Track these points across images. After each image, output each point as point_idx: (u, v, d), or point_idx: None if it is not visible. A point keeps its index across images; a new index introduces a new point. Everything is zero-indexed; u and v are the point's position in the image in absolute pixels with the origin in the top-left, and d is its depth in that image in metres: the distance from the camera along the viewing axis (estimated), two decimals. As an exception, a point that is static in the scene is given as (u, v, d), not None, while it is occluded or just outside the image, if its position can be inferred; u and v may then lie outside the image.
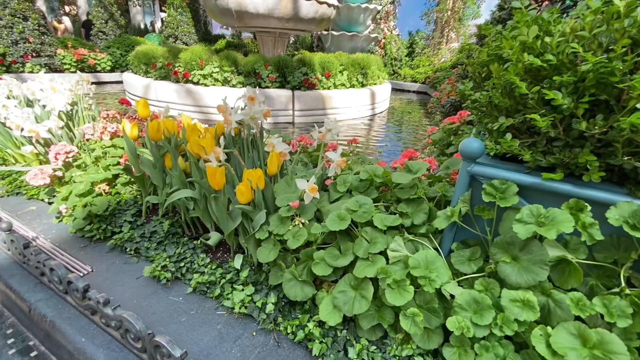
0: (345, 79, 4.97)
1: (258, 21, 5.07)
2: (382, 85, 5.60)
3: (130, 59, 5.18)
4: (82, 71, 7.06)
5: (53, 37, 6.87)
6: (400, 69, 9.32)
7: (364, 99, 5.12)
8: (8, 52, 6.21)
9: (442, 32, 9.27)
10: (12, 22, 6.16)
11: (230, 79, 4.38)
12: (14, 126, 1.37)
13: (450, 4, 8.87)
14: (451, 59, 8.98)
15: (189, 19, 9.11)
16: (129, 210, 1.39)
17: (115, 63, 7.40)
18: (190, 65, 4.37)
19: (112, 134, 1.59)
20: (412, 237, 0.90)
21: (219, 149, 1.06)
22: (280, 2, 4.79)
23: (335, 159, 1.02)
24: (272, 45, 5.97)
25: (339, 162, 1.01)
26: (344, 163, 1.02)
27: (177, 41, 8.90)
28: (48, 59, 6.52)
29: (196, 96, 4.35)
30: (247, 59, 4.47)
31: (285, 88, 4.58)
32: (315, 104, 4.63)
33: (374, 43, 9.56)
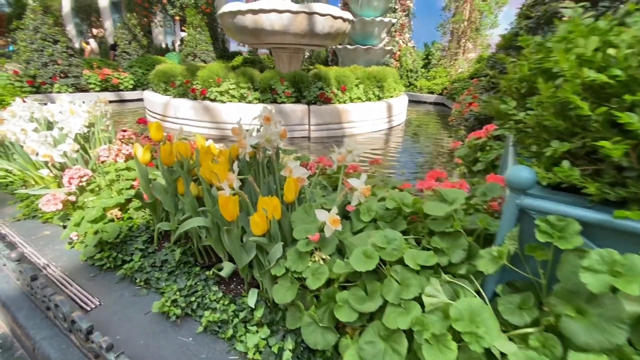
0: (362, 92, 4.91)
1: (274, 38, 5.12)
2: (398, 98, 5.50)
3: (151, 77, 5.32)
4: (105, 90, 7.33)
5: (80, 58, 7.19)
6: (417, 81, 9.22)
7: (380, 112, 5.03)
8: (38, 73, 6.51)
9: (458, 43, 9.14)
10: (43, 45, 6.48)
11: (246, 95, 4.40)
12: (30, 150, 1.35)
13: (466, 15, 8.77)
14: (468, 69, 8.82)
15: (208, 37, 9.38)
16: (141, 237, 1.33)
17: (137, 82, 7.65)
18: (208, 82, 4.42)
19: (127, 156, 1.56)
20: (450, 279, 0.78)
21: (233, 176, 0.98)
22: (295, 18, 4.82)
23: (359, 187, 0.92)
24: (287, 60, 6.01)
25: (363, 191, 0.92)
26: (368, 191, 0.92)
27: (195, 59, 9.16)
28: (75, 80, 6.80)
29: (213, 113, 4.38)
30: (263, 75, 4.49)
31: (301, 103, 4.56)
32: (331, 118, 4.58)
33: (389, 55, 9.53)
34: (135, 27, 9.94)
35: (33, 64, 6.50)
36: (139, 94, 7.71)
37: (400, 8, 9.19)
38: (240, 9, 4.85)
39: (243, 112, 4.29)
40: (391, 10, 9.24)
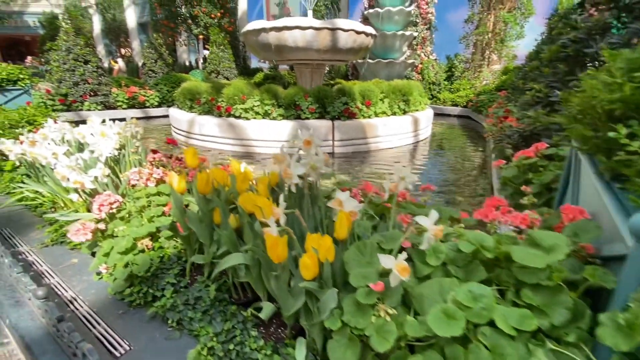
0: (387, 106, 4.80)
1: (297, 54, 5.12)
2: (424, 112, 5.36)
3: (176, 95, 5.42)
4: (132, 107, 7.54)
5: (109, 77, 7.45)
6: (440, 93, 9.04)
7: (406, 126, 4.89)
8: (69, 92, 6.77)
9: (482, 54, 8.94)
10: (75, 65, 6.76)
11: (270, 112, 4.37)
12: (60, 177, 1.30)
13: (490, 26, 8.59)
14: (493, 81, 8.57)
15: (230, 55, 9.60)
16: (172, 270, 1.23)
17: (162, 99, 7.85)
18: (233, 99, 4.43)
19: (158, 180, 1.49)
20: (554, 346, 0.63)
21: (279, 211, 0.87)
22: (318, 34, 4.80)
23: (430, 227, 0.79)
24: (309, 76, 6.00)
25: (436, 232, 0.78)
26: (441, 232, 0.79)
27: (218, 76, 9.35)
28: (104, 98, 7.04)
29: (238, 129, 4.37)
30: (287, 92, 4.46)
31: (325, 118, 4.49)
32: (355, 133, 4.47)
33: (410, 69, 9.43)
34: (161, 47, 10.30)
35: (65, 83, 6.78)
36: (164, 110, 7.89)
37: (422, 21, 9.12)
38: (264, 27, 4.89)
39: (268, 128, 4.26)
40: (412, 24, 9.19)
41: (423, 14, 9.12)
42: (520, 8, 8.18)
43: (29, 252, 1.55)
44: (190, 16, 11.05)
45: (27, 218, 1.90)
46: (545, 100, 2.14)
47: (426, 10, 9.09)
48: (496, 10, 8.41)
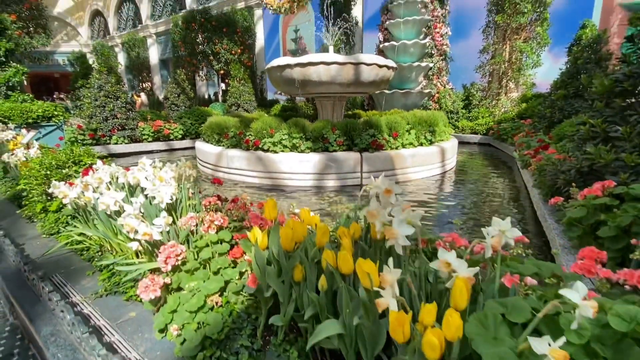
0: (413, 137, 4.78)
1: (320, 88, 5.23)
2: (449, 142, 5.31)
3: (204, 129, 5.53)
4: (157, 140, 7.73)
5: (136, 112, 7.73)
6: (458, 122, 9.04)
7: (433, 157, 4.84)
8: (99, 127, 7.01)
9: (500, 83, 8.99)
10: (105, 102, 7.05)
11: (298, 145, 4.39)
12: (128, 228, 1.26)
13: (506, 56, 8.70)
14: (513, 108, 8.55)
15: (250, 88, 9.92)
16: (244, 330, 1.14)
17: (185, 131, 8.05)
18: (261, 133, 4.49)
19: (218, 227, 1.44)
20: None
21: (392, 278, 0.79)
22: (342, 69, 4.92)
23: (581, 303, 0.69)
24: (331, 108, 6.10)
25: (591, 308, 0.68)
26: (596, 309, 0.69)
27: (239, 108, 9.62)
28: (131, 131, 7.25)
29: (266, 163, 4.38)
30: (314, 125, 4.50)
31: (352, 150, 4.48)
32: (384, 165, 4.43)
33: (427, 98, 9.53)
34: (184, 82, 10.74)
35: (95, 118, 7.04)
36: (188, 142, 8.08)
37: (437, 53, 9.32)
38: (289, 63, 5.03)
39: (296, 161, 4.25)
40: (428, 55, 9.39)
41: (438, 45, 9.32)
42: (535, 38, 8.29)
43: (83, 302, 1.49)
44: (212, 53, 11.58)
45: (75, 263, 1.86)
46: (603, 135, 2.05)
47: (441, 42, 9.31)
48: (512, 41, 8.55)
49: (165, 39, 19.67)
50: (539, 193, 2.86)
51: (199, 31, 11.59)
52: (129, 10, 22.46)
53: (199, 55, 11.96)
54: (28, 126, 6.17)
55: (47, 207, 2.39)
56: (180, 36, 12.09)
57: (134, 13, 22.11)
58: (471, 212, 3.29)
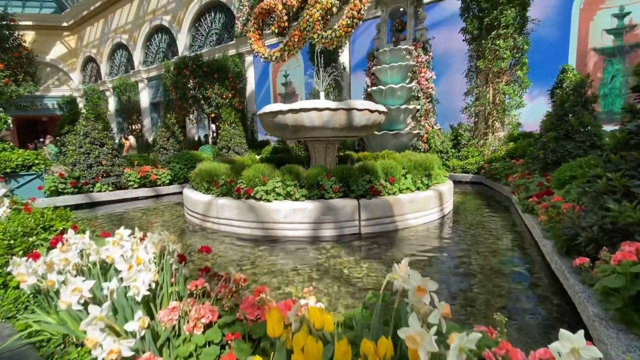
0: (410, 182, 4.66)
1: (313, 133, 5.18)
2: (446, 185, 5.22)
3: (193, 176, 5.32)
4: (143, 186, 7.45)
5: (122, 157, 7.50)
6: (448, 161, 9.11)
7: (431, 202, 4.69)
8: (82, 175, 6.72)
9: (486, 123, 9.23)
10: (91, 149, 6.83)
11: (293, 193, 4.20)
12: (90, 344, 0.99)
13: (490, 98, 9.01)
14: (501, 147, 8.69)
15: (241, 131, 9.91)
16: None
17: (174, 176, 7.81)
18: (253, 181, 4.30)
19: (205, 325, 1.17)
20: None
21: None
22: (335, 115, 4.90)
23: None
24: (323, 150, 6.03)
25: None
26: None
27: (229, 151, 9.52)
28: (116, 178, 6.97)
29: (259, 212, 4.14)
30: (309, 172, 4.35)
31: (349, 197, 4.30)
32: (382, 211, 4.25)
33: (416, 139, 9.66)
34: (174, 125, 10.70)
35: (79, 165, 6.77)
36: (175, 188, 7.81)
37: (423, 95, 9.61)
38: (281, 110, 5.00)
39: (291, 210, 4.03)
40: (414, 98, 9.66)
41: (424, 89, 9.64)
42: (517, 81, 8.66)
43: None
44: (203, 97, 11.71)
45: (30, 360, 1.53)
46: (623, 189, 1.92)
47: (427, 86, 9.64)
48: (494, 84, 8.90)
49: (157, 83, 20.04)
50: (552, 246, 2.68)
51: (191, 77, 11.80)
52: (122, 57, 23.06)
53: (190, 100, 12.07)
54: (6, 176, 5.85)
55: (7, 282, 2.07)
56: (172, 81, 12.29)
57: (126, 59, 22.70)
58: (479, 264, 3.07)
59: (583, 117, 4.78)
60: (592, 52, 8.49)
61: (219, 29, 16.52)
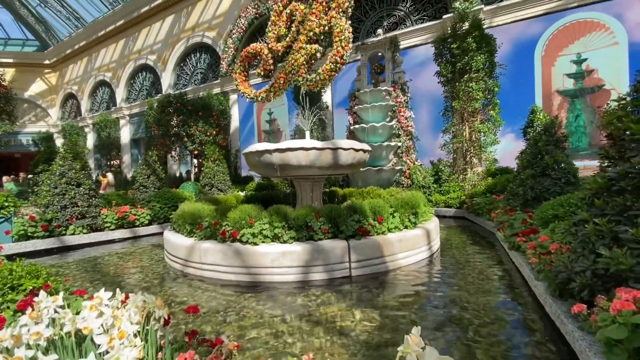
0: (398, 221, 4.67)
1: (299, 171, 5.22)
2: (432, 222, 5.25)
3: (175, 218, 5.13)
4: (121, 227, 7.11)
5: (100, 197, 7.20)
6: (431, 196, 9.28)
7: (420, 240, 4.68)
8: (55, 217, 6.36)
9: (464, 159, 9.58)
10: (66, 189, 6.53)
11: (281, 235, 4.09)
12: None
13: (467, 135, 9.44)
14: (481, 182, 8.97)
15: (224, 168, 9.82)
16: None
17: (153, 216, 7.52)
18: (239, 224, 4.17)
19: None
20: None
21: None
22: (321, 154, 4.98)
23: None
24: (309, 188, 6.04)
25: None
26: None
27: (212, 188, 9.35)
28: (91, 220, 6.64)
29: (245, 257, 3.98)
30: (297, 212, 4.28)
31: (338, 238, 4.23)
32: (372, 252, 4.18)
33: (399, 174, 9.86)
34: (155, 163, 10.50)
35: (52, 207, 6.43)
36: (155, 228, 7.49)
37: (404, 133, 9.97)
38: (267, 149, 5.03)
39: (279, 253, 3.90)
40: (395, 135, 10.00)
41: (404, 127, 10.03)
42: (490, 119, 9.17)
43: None
44: (187, 135, 11.67)
45: None
46: (611, 234, 1.97)
47: (406, 124, 10.04)
48: (470, 122, 9.38)
49: (139, 120, 19.94)
50: (545, 288, 2.68)
51: (174, 114, 11.82)
52: (104, 94, 23.02)
53: (172, 137, 11.99)
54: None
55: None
56: (155, 119, 12.24)
57: (108, 96, 22.65)
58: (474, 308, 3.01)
59: (557, 156, 5.04)
60: (556, 94, 9.19)
61: (204, 69, 16.92)
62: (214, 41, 15.69)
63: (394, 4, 11.75)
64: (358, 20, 12.38)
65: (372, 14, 12.21)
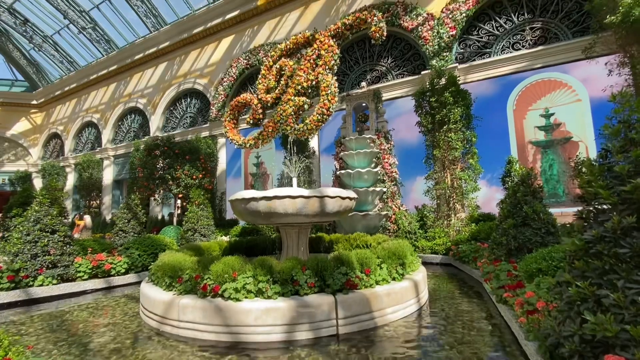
0: (386, 273, 4.60)
1: (286, 219, 5.21)
2: (420, 273, 5.19)
3: (153, 269, 4.89)
4: (95, 277, 6.71)
5: (75, 245, 6.86)
6: (417, 242, 9.28)
7: (408, 293, 4.59)
8: (24, 266, 5.98)
9: (448, 205, 9.78)
10: (40, 236, 6.22)
11: (265, 290, 3.93)
12: None
13: (449, 182, 9.74)
14: (465, 228, 9.09)
15: (209, 212, 9.65)
16: None
17: (131, 264, 7.15)
18: (222, 277, 4.01)
19: None
20: None
21: None
22: (308, 202, 5.01)
23: None
24: (296, 235, 6.00)
25: None
26: None
27: (195, 234, 9.09)
28: (63, 270, 6.26)
29: (227, 314, 3.77)
30: (283, 265, 4.17)
31: (325, 292, 4.10)
32: (360, 308, 4.05)
33: (385, 219, 9.92)
34: (137, 206, 10.24)
35: (22, 256, 6.04)
36: (132, 277, 7.10)
37: (388, 179, 10.21)
38: (254, 197, 5.03)
39: (263, 310, 3.71)
40: (380, 181, 10.21)
41: (388, 173, 10.30)
42: (470, 168, 9.55)
43: None
44: (172, 178, 11.57)
45: None
46: (594, 297, 2.00)
47: (391, 170, 10.33)
48: (451, 170, 9.74)
49: (124, 161, 19.76)
50: (536, 350, 2.63)
51: (161, 157, 11.79)
52: (90, 135, 22.94)
53: (157, 180, 11.84)
54: None
55: None
56: (141, 162, 12.15)
57: (94, 137, 22.56)
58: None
59: (535, 206, 5.22)
60: (529, 144, 9.76)
61: (193, 113, 17.28)
62: (205, 88, 16.23)
63: (376, 60, 12.66)
64: (343, 73, 13.19)
65: (357, 68, 13.07)
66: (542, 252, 3.87)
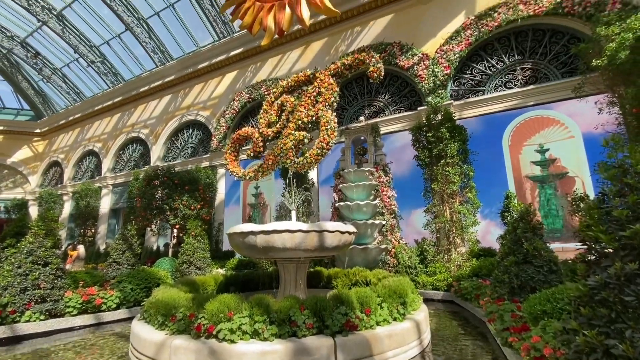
0: (386, 313, 4.45)
1: (285, 254, 5.14)
2: (421, 312, 5.03)
3: (146, 306, 4.72)
4: (84, 312, 6.47)
5: (66, 278, 6.68)
6: (417, 277, 9.08)
7: (410, 335, 4.42)
8: (12, 301, 5.77)
9: (448, 239, 9.69)
10: (31, 269, 6.07)
11: (261, 331, 3.79)
12: None
13: (448, 216, 9.71)
14: (465, 263, 8.95)
15: (205, 244, 9.50)
16: None
17: (123, 299, 6.92)
18: (217, 317, 3.87)
19: None
20: None
21: None
22: (307, 237, 4.97)
23: None
24: (293, 270, 5.88)
25: None
26: None
27: (191, 266, 8.88)
28: (52, 304, 6.04)
29: (220, 357, 3.59)
30: (280, 304, 4.04)
31: (324, 334, 3.94)
32: (360, 351, 3.88)
33: (384, 253, 9.76)
34: (133, 237, 10.08)
35: (11, 290, 5.85)
36: (123, 313, 6.84)
37: (387, 212, 10.17)
38: (252, 230, 4.99)
39: (258, 354, 3.55)
40: (379, 214, 10.17)
41: (387, 205, 10.28)
42: (468, 201, 9.57)
43: None
44: (170, 208, 11.50)
45: None
46: (602, 347, 1.94)
47: (389, 203, 10.32)
48: (449, 203, 9.75)
49: (122, 189, 19.71)
50: (546, 403, 2.50)
51: (160, 187, 11.79)
52: (90, 163, 23.06)
53: (155, 210, 11.76)
54: None
55: None
56: (140, 191, 12.13)
57: (94, 165, 22.66)
58: None
59: (536, 243, 5.18)
60: (526, 179, 9.86)
61: (194, 143, 17.54)
62: (207, 119, 16.60)
63: (374, 96, 13.10)
64: (342, 108, 13.58)
65: (355, 103, 13.48)
66: (546, 293, 3.78)
